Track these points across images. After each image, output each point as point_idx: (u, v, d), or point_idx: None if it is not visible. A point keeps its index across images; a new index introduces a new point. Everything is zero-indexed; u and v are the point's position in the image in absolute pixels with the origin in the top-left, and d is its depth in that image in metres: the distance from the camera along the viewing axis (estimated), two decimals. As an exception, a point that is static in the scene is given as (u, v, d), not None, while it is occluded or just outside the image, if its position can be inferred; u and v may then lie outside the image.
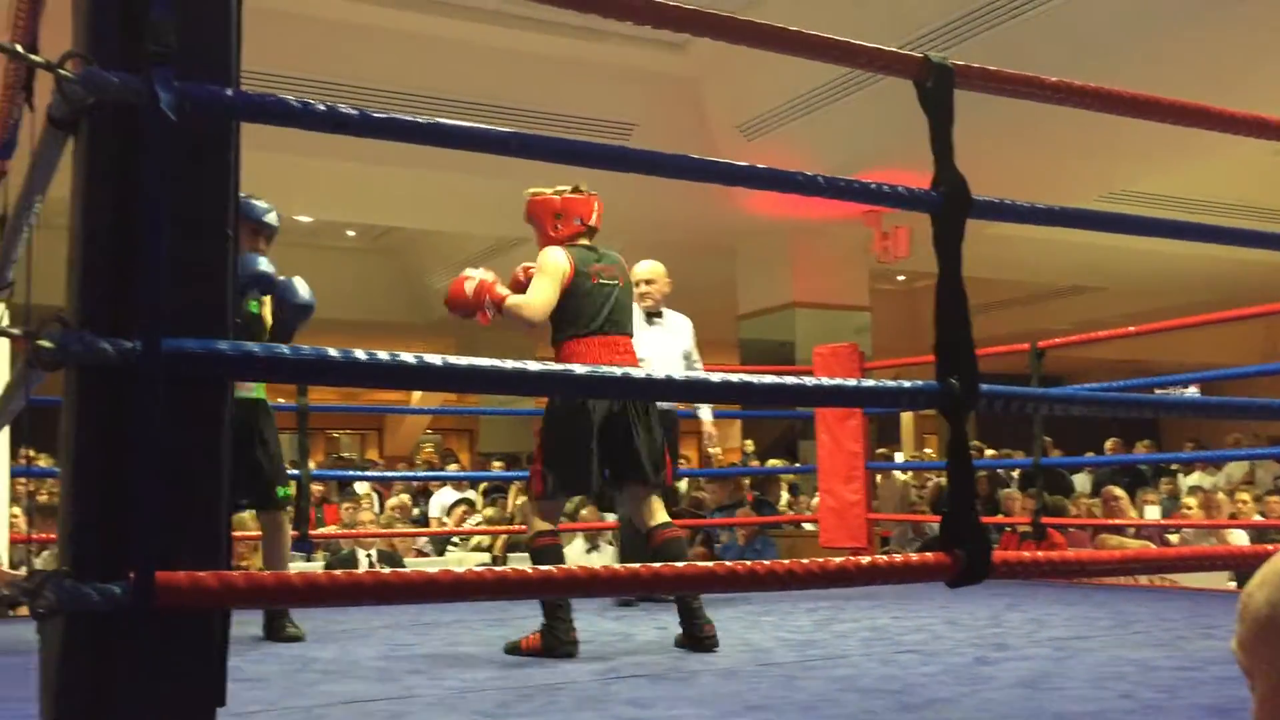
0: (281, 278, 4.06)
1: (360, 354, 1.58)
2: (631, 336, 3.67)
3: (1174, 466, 10.53)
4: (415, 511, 9.41)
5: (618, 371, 1.74)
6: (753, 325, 10.79)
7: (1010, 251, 10.81)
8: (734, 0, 7.43)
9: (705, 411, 5.49)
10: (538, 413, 13.58)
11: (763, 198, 8.58)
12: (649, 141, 7.86)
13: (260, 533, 4.24)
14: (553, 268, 3.51)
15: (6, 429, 4.29)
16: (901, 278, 13.71)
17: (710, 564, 1.79)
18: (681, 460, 16.72)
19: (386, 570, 2.24)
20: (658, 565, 1.79)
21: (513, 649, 3.52)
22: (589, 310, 3.51)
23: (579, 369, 1.72)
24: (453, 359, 1.56)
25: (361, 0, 7.16)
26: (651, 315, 5.16)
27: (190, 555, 1.45)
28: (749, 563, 1.77)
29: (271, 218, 4.17)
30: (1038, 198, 2.37)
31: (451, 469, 11.84)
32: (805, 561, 1.82)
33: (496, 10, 7.29)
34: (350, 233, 12.81)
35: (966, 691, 2.71)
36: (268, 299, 4.12)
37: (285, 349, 1.53)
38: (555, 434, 3.50)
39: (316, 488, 10.09)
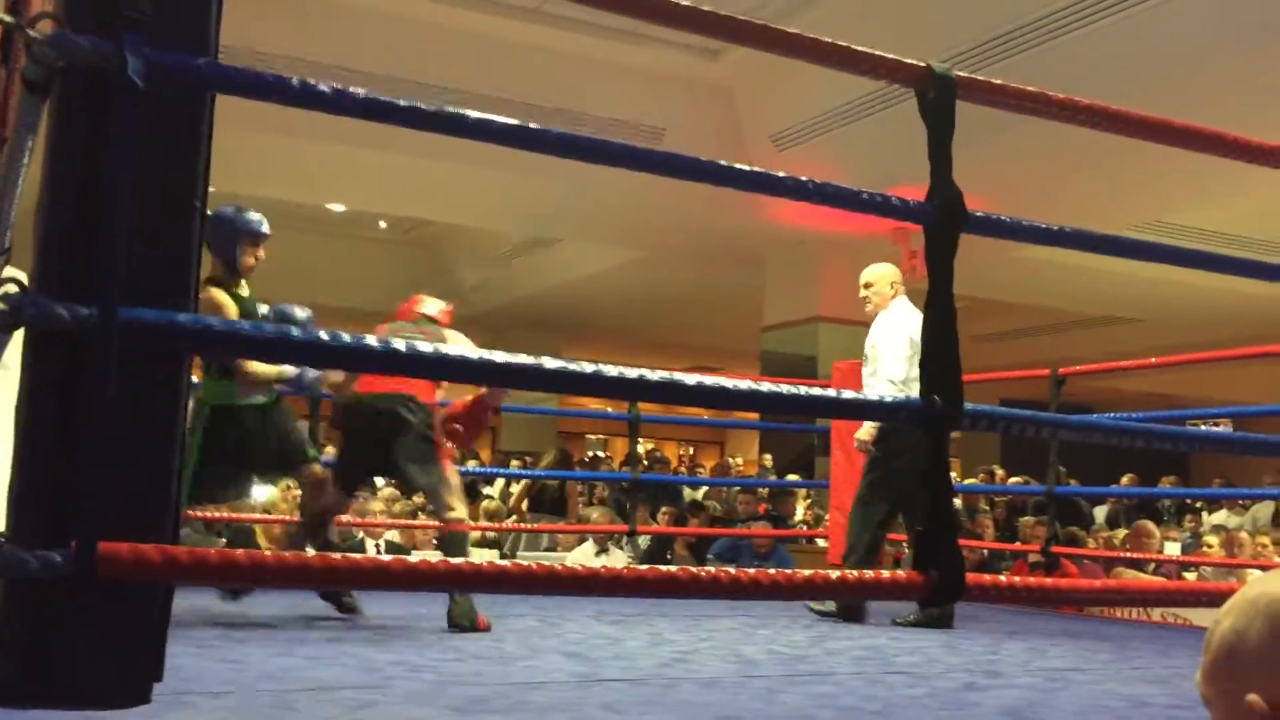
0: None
1: (324, 334, 1.56)
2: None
3: (1198, 504, 10.36)
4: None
5: (611, 371, 1.70)
6: (776, 338, 10.73)
7: (1041, 277, 10.69)
8: (772, 10, 7.41)
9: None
10: (561, 412, 13.59)
11: (791, 209, 8.53)
12: (679, 147, 7.80)
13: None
14: None
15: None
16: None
17: (676, 569, 1.76)
18: (699, 469, 16.57)
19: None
20: (644, 569, 1.76)
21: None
22: None
23: (549, 362, 1.69)
24: (410, 345, 1.53)
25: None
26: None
27: (136, 528, 1.43)
28: (716, 570, 1.74)
29: (265, 227, 4.18)
30: (1067, 222, 2.30)
31: (470, 465, 11.82)
32: (772, 572, 1.79)
33: (534, 8, 7.29)
34: (382, 224, 12.86)
35: (946, 717, 2.66)
36: None
37: (245, 325, 1.51)
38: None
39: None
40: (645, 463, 10.85)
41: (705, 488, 10.52)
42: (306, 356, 1.57)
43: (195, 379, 4.02)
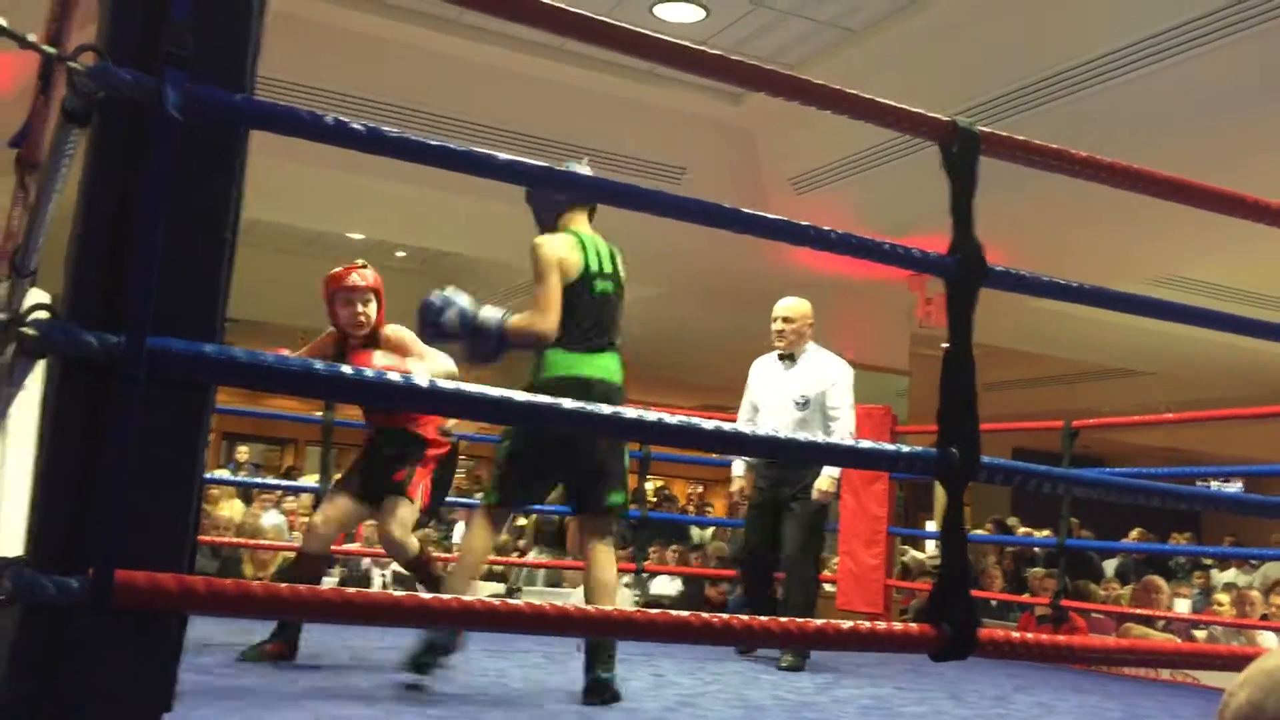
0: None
1: (346, 369, 1.57)
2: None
3: (1208, 561, 10.29)
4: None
5: (605, 409, 1.72)
6: (791, 380, 10.71)
7: (1055, 327, 10.67)
8: (798, 54, 7.46)
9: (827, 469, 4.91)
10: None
11: (809, 253, 8.53)
12: (699, 187, 7.87)
13: None
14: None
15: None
16: (945, 345, 13.55)
17: (688, 615, 1.75)
18: (707, 509, 16.59)
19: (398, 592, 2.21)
20: (654, 613, 1.75)
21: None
22: None
23: (566, 404, 1.70)
24: (423, 379, 1.55)
25: (424, 26, 7.26)
26: (782, 358, 5.07)
27: (154, 556, 1.44)
28: (727, 616, 1.73)
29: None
30: (1087, 276, 2.31)
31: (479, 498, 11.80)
32: (783, 620, 1.78)
33: (558, 46, 7.36)
34: (400, 254, 12.92)
35: (954, 771, 2.64)
36: None
37: (269, 356, 1.52)
38: None
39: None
40: (654, 500, 10.82)
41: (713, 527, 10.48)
42: (332, 391, 1.58)
43: None
